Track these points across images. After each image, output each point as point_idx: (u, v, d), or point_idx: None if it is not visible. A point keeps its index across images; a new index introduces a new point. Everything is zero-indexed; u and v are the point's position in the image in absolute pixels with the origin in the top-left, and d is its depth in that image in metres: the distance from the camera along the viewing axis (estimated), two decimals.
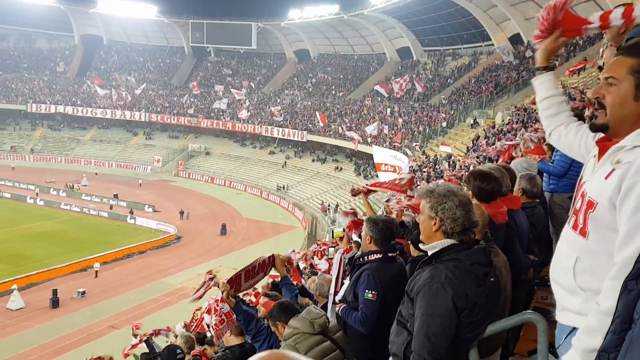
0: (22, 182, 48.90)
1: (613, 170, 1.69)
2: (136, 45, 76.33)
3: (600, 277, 1.67)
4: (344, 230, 4.39)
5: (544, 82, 2.28)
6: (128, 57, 74.92)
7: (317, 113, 52.06)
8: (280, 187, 49.86)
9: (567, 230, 1.94)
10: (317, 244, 14.28)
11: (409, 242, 4.10)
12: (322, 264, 8.88)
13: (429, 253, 2.44)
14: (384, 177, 30.58)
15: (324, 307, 4.15)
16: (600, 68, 7.99)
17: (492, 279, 2.37)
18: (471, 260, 2.33)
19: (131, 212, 41.21)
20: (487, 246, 2.67)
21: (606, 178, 1.70)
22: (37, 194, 45.53)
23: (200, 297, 5.53)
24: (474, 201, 3.04)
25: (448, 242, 2.38)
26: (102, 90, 62.70)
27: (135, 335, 8.31)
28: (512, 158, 7.62)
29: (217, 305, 3.92)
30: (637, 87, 1.71)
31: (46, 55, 73.67)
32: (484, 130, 31.83)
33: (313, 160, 54.06)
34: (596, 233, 1.76)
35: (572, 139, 2.16)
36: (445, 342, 2.27)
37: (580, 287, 1.84)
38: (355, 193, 5.89)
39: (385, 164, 32.01)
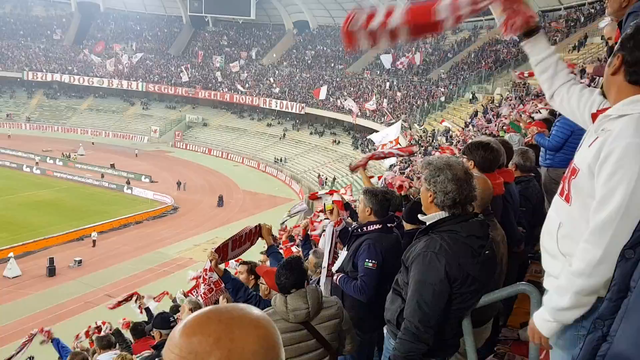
0: (18, 150, 48.68)
1: (597, 138, 1.72)
2: (133, 14, 75.14)
3: (578, 243, 1.73)
4: (332, 203, 4.38)
5: (535, 44, 2.21)
6: (125, 25, 73.86)
7: (321, 88, 51.36)
8: (278, 160, 49.81)
9: (556, 197, 1.98)
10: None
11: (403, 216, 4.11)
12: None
13: (427, 223, 2.44)
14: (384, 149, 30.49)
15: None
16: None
17: (487, 252, 2.37)
18: (467, 232, 2.33)
19: (128, 182, 41.18)
20: (486, 219, 2.67)
21: (589, 146, 1.74)
22: (37, 163, 45.36)
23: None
24: (479, 174, 3.03)
25: (445, 214, 2.38)
26: (98, 57, 61.92)
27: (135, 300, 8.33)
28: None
29: (206, 275, 3.93)
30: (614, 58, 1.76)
31: (42, 23, 72.59)
32: (482, 105, 31.71)
33: (311, 133, 53.89)
34: (578, 199, 1.80)
35: (574, 104, 2.13)
36: (436, 311, 2.29)
37: (561, 252, 1.88)
38: (354, 168, 5.82)
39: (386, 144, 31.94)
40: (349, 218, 6.69)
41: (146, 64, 66.70)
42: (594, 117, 1.84)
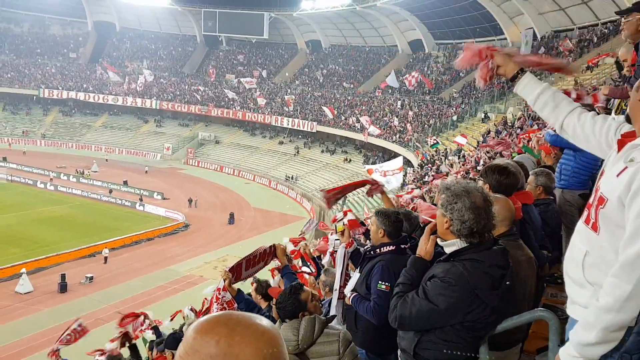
0: (33, 166, 49.22)
1: (625, 168, 1.68)
2: (148, 33, 76.37)
3: (606, 273, 1.69)
4: (344, 224, 4.35)
5: (527, 84, 2.23)
6: (140, 44, 75.02)
7: (324, 108, 51.85)
8: (289, 178, 49.90)
9: (580, 223, 1.94)
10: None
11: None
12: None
13: (446, 251, 2.40)
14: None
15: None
16: (617, 64, 7.86)
17: (507, 282, 2.33)
18: (489, 262, 2.29)
19: (140, 199, 41.41)
20: (512, 239, 2.63)
21: (618, 175, 1.69)
22: (51, 179, 45.77)
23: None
24: (500, 196, 2.99)
25: (462, 242, 2.34)
26: (115, 76, 62.88)
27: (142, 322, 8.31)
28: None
29: (219, 294, 3.93)
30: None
31: (59, 41, 73.92)
32: (494, 124, 31.63)
33: (322, 151, 54.03)
34: (606, 229, 1.75)
35: (589, 131, 2.08)
36: (416, 325, 2.34)
37: (588, 281, 1.84)
38: (370, 193, 5.71)
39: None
40: (362, 237, 6.65)
41: (160, 82, 67.51)
42: (620, 143, 1.81)
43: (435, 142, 35.39)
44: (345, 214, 5.41)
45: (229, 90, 60.90)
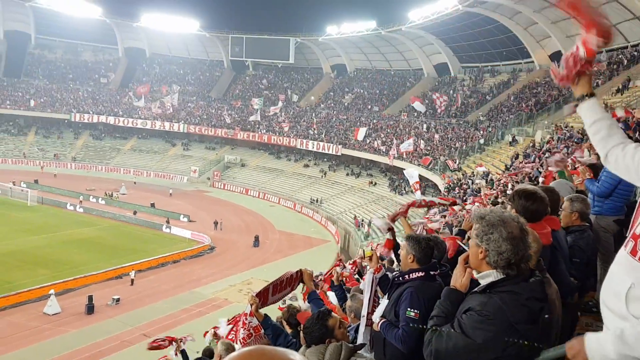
0: (63, 189, 50.23)
1: None
2: (177, 59, 78.15)
3: None
4: (372, 249, 4.31)
5: (590, 106, 2.18)
6: (169, 69, 76.71)
7: (361, 129, 51.85)
8: (314, 200, 49.91)
9: (623, 254, 1.84)
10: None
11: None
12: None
13: (481, 282, 2.33)
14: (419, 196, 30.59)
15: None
16: None
17: (546, 316, 2.24)
18: (528, 295, 2.20)
19: (167, 222, 41.81)
20: (542, 276, 2.54)
21: None
22: (80, 201, 46.62)
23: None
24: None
25: (498, 274, 2.26)
26: (140, 100, 64.33)
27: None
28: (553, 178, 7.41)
29: (246, 319, 3.90)
30: None
31: (91, 67, 76.05)
32: (522, 148, 31.26)
33: (347, 174, 54.03)
34: None
35: (629, 161, 2.02)
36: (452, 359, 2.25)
37: (632, 315, 1.74)
38: (394, 217, 5.64)
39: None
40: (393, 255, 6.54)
41: (188, 106, 68.72)
42: None
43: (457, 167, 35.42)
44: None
45: (254, 114, 61.70)
